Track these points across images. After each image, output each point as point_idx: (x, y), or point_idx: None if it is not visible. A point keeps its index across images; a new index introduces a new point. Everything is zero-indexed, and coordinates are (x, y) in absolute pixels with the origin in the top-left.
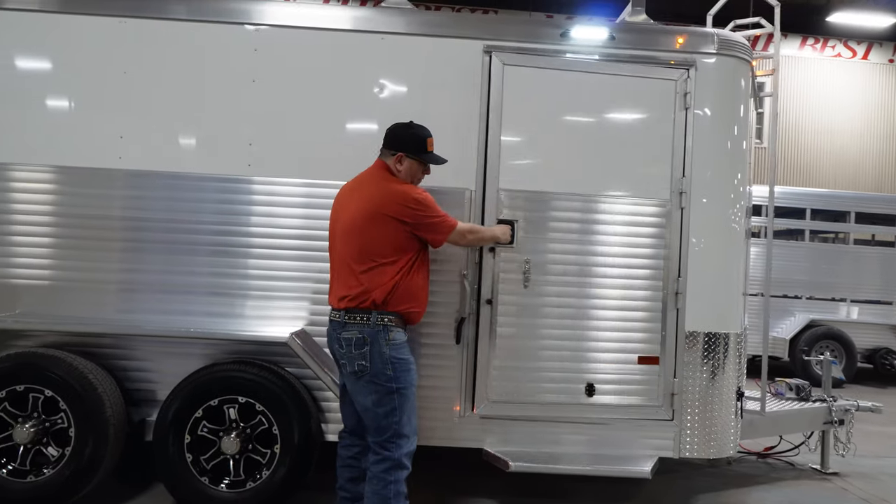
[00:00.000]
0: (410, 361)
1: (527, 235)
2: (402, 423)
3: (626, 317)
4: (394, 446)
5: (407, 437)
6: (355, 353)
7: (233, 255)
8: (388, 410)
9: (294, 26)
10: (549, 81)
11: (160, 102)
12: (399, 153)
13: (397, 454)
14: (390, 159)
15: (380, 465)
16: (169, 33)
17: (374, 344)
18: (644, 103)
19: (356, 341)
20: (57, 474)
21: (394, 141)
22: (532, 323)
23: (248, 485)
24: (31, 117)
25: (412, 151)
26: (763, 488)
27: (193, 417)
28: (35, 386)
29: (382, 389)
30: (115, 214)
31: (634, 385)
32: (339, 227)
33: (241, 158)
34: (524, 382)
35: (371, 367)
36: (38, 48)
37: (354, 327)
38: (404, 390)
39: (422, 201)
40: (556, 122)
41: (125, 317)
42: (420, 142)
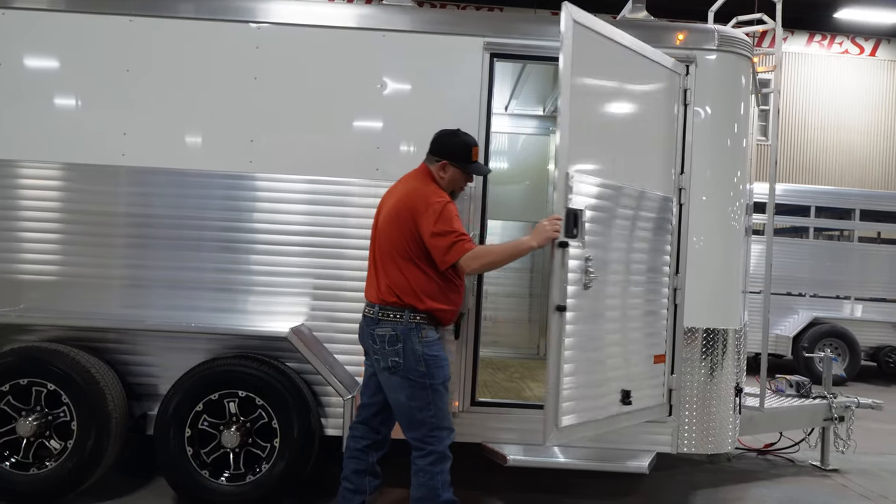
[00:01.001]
0: (442, 358)
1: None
2: (438, 416)
3: (647, 315)
4: (436, 440)
5: (448, 430)
6: (389, 350)
7: (237, 252)
8: (422, 405)
9: (296, 24)
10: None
11: (162, 99)
12: (444, 161)
13: (440, 447)
14: (434, 165)
15: (425, 459)
16: (171, 31)
17: (406, 341)
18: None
19: (389, 338)
20: (59, 467)
21: (440, 148)
22: (591, 329)
23: (248, 478)
24: (35, 114)
25: (457, 160)
26: (763, 485)
27: (194, 411)
28: (38, 380)
29: (416, 385)
30: (118, 211)
31: (652, 386)
32: (377, 225)
33: (243, 155)
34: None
35: (404, 363)
36: (44, 46)
37: (387, 325)
38: (438, 385)
39: (438, 212)
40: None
41: (129, 312)
42: (466, 151)
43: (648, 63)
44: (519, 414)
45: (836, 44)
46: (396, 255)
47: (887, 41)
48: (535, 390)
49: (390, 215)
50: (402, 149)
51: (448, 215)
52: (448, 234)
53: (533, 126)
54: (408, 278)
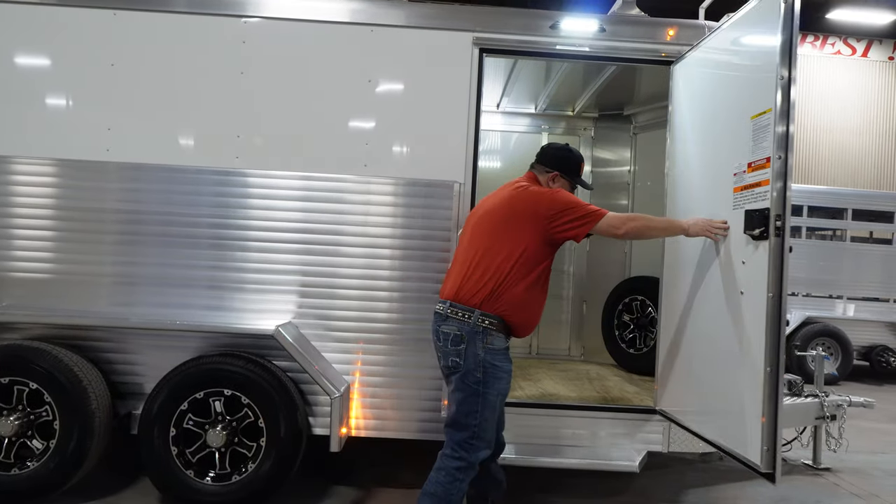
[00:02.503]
0: (504, 370)
1: None
2: (482, 427)
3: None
4: (472, 448)
5: (486, 443)
6: (451, 350)
7: (225, 249)
8: (470, 411)
9: (283, 18)
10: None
11: (147, 94)
12: (555, 172)
13: (473, 457)
14: (544, 176)
15: (454, 462)
16: (156, 25)
17: (470, 344)
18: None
19: (453, 338)
20: (41, 467)
21: (552, 161)
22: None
23: (234, 478)
24: (17, 109)
25: (568, 173)
26: (755, 483)
27: (179, 410)
28: (20, 378)
29: (469, 390)
30: (101, 207)
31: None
32: (472, 223)
33: (230, 151)
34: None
35: (464, 365)
36: (26, 39)
37: (454, 323)
38: (490, 396)
39: (559, 196)
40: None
41: (114, 309)
42: (577, 166)
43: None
44: (511, 413)
45: (828, 44)
46: (487, 256)
47: (879, 42)
48: (526, 389)
49: (494, 216)
50: (392, 144)
51: (572, 197)
52: (580, 207)
53: (525, 124)
54: (490, 281)
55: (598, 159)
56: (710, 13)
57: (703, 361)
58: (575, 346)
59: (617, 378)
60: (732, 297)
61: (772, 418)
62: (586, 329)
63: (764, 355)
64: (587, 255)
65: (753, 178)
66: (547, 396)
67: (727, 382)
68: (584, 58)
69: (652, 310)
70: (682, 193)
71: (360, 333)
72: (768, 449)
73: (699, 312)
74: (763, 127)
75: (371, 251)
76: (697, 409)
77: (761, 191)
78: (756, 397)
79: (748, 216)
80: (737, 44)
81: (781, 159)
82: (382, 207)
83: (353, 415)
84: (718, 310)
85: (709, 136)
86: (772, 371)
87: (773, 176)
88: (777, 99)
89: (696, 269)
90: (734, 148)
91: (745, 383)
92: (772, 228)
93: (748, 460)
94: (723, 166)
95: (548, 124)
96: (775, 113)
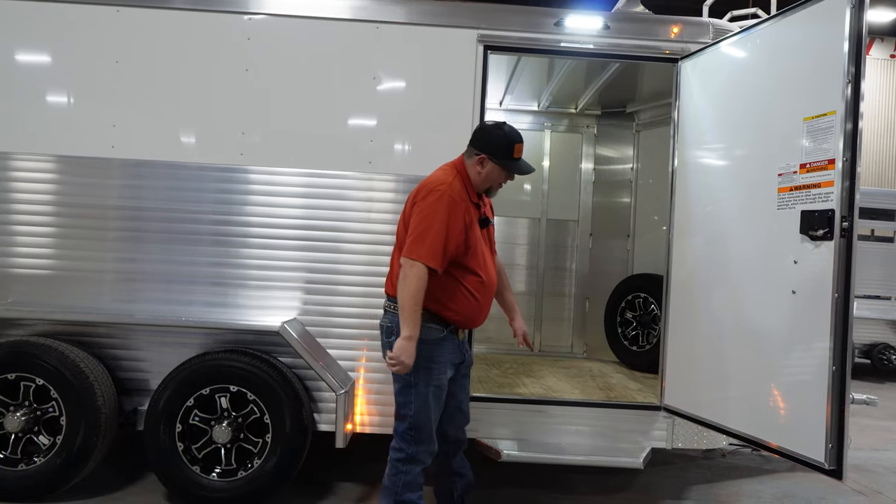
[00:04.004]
0: (436, 361)
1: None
2: (418, 419)
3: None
4: (410, 440)
5: (425, 435)
6: (384, 342)
7: (229, 245)
8: (405, 402)
9: (288, 15)
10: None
11: (152, 91)
12: (482, 155)
13: (412, 449)
14: (472, 159)
15: (395, 454)
16: (160, 21)
17: (398, 334)
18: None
19: (386, 329)
20: (48, 463)
21: (479, 141)
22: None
23: (240, 474)
24: (23, 105)
25: (497, 155)
26: (757, 480)
27: (185, 406)
28: (26, 374)
29: (402, 381)
30: (108, 204)
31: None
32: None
33: (233, 148)
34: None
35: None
36: (31, 36)
37: (388, 316)
38: (421, 387)
39: (430, 201)
40: None
41: (119, 306)
42: (507, 147)
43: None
44: (513, 409)
45: None
46: (398, 247)
47: (881, 40)
48: (529, 386)
49: (406, 207)
50: (397, 142)
51: (436, 212)
52: (423, 230)
53: (528, 121)
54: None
55: (600, 157)
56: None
57: (735, 359)
58: (577, 343)
59: (620, 375)
60: (781, 296)
61: (837, 417)
62: (589, 326)
63: (829, 355)
64: (590, 252)
65: (810, 179)
66: (550, 393)
67: (771, 380)
68: (589, 55)
69: (655, 307)
70: (699, 193)
71: (365, 330)
72: (833, 447)
73: (730, 310)
74: (824, 128)
75: (375, 248)
76: (724, 406)
77: (822, 192)
78: (818, 396)
79: (806, 217)
80: (784, 42)
81: (848, 160)
82: (387, 204)
83: (357, 411)
84: (760, 308)
85: (736, 136)
86: (837, 370)
87: (840, 177)
88: (846, 96)
89: (724, 268)
90: (778, 148)
91: (801, 382)
92: (837, 230)
93: (807, 457)
94: (761, 167)
95: (551, 122)
96: (843, 112)
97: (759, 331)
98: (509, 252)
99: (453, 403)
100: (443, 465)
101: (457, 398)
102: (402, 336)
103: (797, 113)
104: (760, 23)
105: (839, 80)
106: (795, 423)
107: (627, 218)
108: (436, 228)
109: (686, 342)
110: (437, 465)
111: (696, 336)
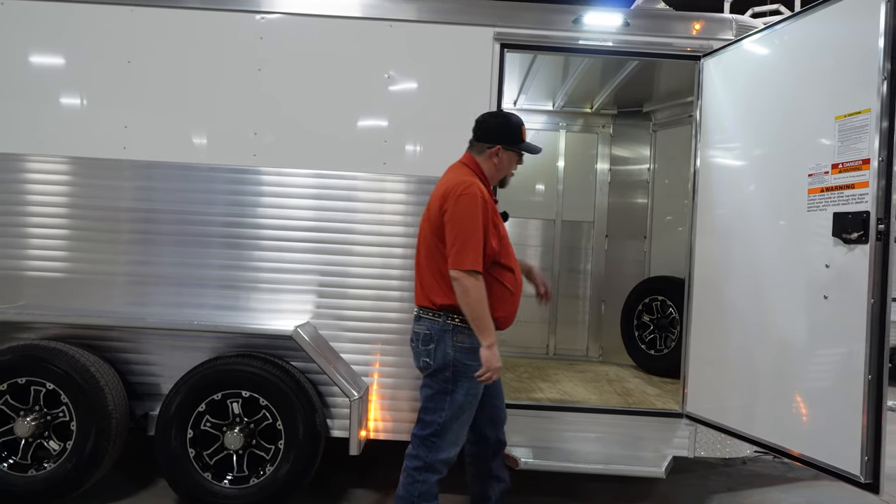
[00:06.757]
0: (475, 369)
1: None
2: (446, 427)
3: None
4: (432, 447)
5: (449, 444)
6: (421, 349)
7: (241, 248)
8: (436, 408)
9: (300, 13)
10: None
11: (164, 92)
12: (497, 146)
13: (431, 457)
14: (483, 154)
15: (412, 462)
16: (173, 21)
17: (440, 342)
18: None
19: (423, 337)
20: (58, 468)
21: (488, 133)
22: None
23: (252, 481)
24: (35, 106)
25: (510, 142)
26: (780, 488)
27: (196, 412)
28: (36, 379)
29: (437, 387)
30: (119, 206)
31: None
32: (422, 224)
33: (247, 149)
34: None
35: (434, 364)
36: (44, 36)
37: (425, 322)
38: (458, 396)
39: (463, 205)
40: None
41: (130, 309)
42: (517, 131)
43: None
44: (531, 416)
45: None
46: (430, 255)
47: None
48: (546, 391)
49: (431, 213)
50: (411, 142)
51: (470, 218)
52: (462, 240)
53: (542, 121)
54: (444, 278)
55: (616, 157)
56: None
57: (763, 365)
58: (593, 346)
59: (637, 380)
60: (812, 301)
61: (873, 427)
62: (604, 329)
63: (865, 363)
64: (605, 254)
65: (842, 180)
66: (567, 398)
67: (801, 388)
68: (608, 53)
69: (673, 310)
70: (723, 194)
71: (379, 334)
72: (869, 459)
73: (757, 315)
74: (857, 127)
75: (389, 250)
76: (750, 414)
77: (856, 193)
78: (853, 405)
79: (839, 219)
80: (813, 39)
81: (884, 160)
82: (401, 206)
83: (371, 417)
84: (790, 313)
85: (762, 135)
86: (874, 379)
87: (875, 177)
88: (882, 94)
89: (751, 271)
90: (808, 148)
91: (834, 390)
92: (873, 232)
93: (841, 470)
94: (789, 167)
95: (566, 121)
96: (879, 110)
97: (788, 336)
98: (523, 254)
99: (491, 404)
100: (481, 468)
101: (495, 400)
102: (483, 346)
103: (828, 111)
104: (787, 19)
105: (874, 78)
106: (828, 434)
107: (644, 219)
108: (477, 233)
109: (710, 347)
110: (476, 468)
111: (721, 341)
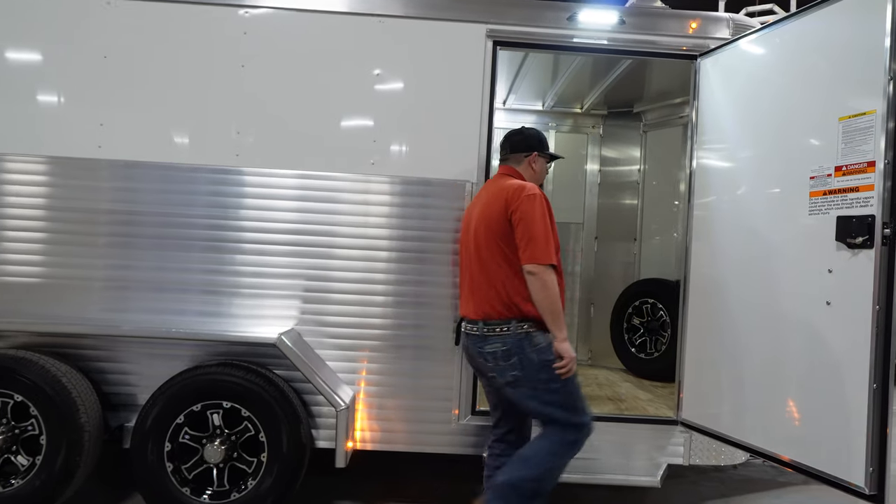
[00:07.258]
0: (555, 361)
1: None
2: (571, 411)
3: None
4: (573, 430)
5: (584, 423)
6: (504, 366)
7: (223, 251)
8: (554, 407)
9: (286, 8)
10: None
11: (142, 88)
12: (531, 154)
13: (571, 436)
14: (523, 163)
15: (571, 448)
16: (152, 15)
17: (520, 353)
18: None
19: (502, 354)
20: (27, 485)
21: (522, 144)
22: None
23: (233, 495)
24: (6, 104)
25: (542, 149)
26: (772, 494)
27: (174, 424)
28: (3, 390)
29: (543, 391)
30: (95, 207)
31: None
32: (467, 236)
33: (229, 148)
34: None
35: (524, 374)
36: (15, 29)
37: (496, 340)
38: (552, 384)
39: (532, 204)
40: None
41: (106, 316)
42: (544, 140)
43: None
44: None
45: None
46: (495, 265)
47: None
48: None
49: (482, 217)
50: (401, 142)
51: (541, 213)
52: (540, 231)
53: (532, 121)
54: (505, 285)
55: (606, 158)
56: (728, 6)
57: (762, 372)
58: (582, 349)
59: (627, 384)
60: (813, 307)
61: (879, 437)
62: (594, 332)
63: (870, 371)
64: (595, 256)
65: (846, 183)
66: None
67: (802, 396)
68: (603, 51)
69: (664, 313)
70: (720, 196)
71: (367, 341)
72: (874, 470)
73: (756, 320)
74: (862, 129)
75: (377, 254)
76: (748, 422)
77: (861, 196)
78: (856, 415)
79: (842, 223)
80: (814, 37)
81: (890, 162)
82: (391, 208)
83: (358, 427)
84: (790, 319)
85: (762, 136)
86: (878, 388)
87: (881, 180)
88: (888, 94)
89: (749, 275)
90: (810, 150)
91: (837, 399)
92: (878, 237)
93: (844, 480)
94: (790, 169)
95: (555, 122)
96: (885, 111)
97: (788, 343)
98: None
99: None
100: (503, 455)
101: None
102: (558, 340)
103: (830, 112)
104: (787, 17)
105: (880, 78)
106: (830, 444)
107: (634, 221)
108: (547, 230)
109: (706, 353)
110: (499, 454)
111: (718, 347)
